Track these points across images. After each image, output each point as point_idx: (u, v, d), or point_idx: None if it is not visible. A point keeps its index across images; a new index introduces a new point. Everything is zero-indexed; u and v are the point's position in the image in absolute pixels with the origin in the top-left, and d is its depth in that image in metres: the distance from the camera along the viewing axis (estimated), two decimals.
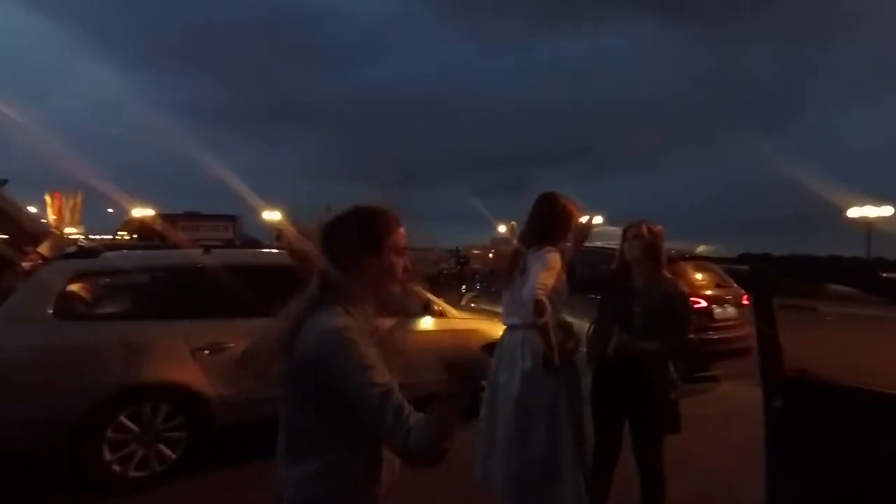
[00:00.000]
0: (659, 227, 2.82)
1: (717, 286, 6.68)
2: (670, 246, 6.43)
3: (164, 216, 20.97)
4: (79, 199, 23.57)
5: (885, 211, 21.76)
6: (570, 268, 2.74)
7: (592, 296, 2.98)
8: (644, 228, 2.76)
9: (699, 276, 6.73)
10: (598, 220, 14.36)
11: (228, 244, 10.38)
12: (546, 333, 2.41)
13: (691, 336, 2.75)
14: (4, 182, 4.19)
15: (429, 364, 2.14)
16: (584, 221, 2.85)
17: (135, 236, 19.03)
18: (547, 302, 2.38)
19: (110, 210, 29.97)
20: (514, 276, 2.65)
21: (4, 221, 4.11)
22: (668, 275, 2.81)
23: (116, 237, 20.81)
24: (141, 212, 23.08)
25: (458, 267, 22.77)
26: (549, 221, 2.68)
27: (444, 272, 21.66)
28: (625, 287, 2.79)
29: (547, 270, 2.48)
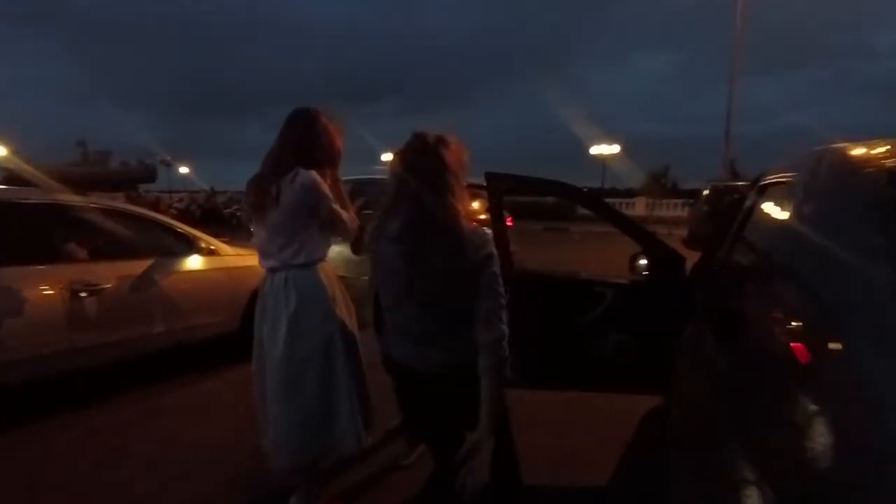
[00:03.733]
0: None
1: (487, 210, 6.59)
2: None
3: None
4: None
5: (614, 149, 29.29)
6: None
7: None
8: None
9: (474, 203, 6.86)
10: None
11: None
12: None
13: None
14: None
15: (198, 305, 4.09)
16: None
17: None
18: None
19: None
20: (268, 209, 2.20)
21: None
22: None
23: None
24: None
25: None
26: (309, 142, 2.22)
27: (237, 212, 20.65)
28: None
29: (330, 198, 2.22)
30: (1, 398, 3.34)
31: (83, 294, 3.49)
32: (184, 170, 53.41)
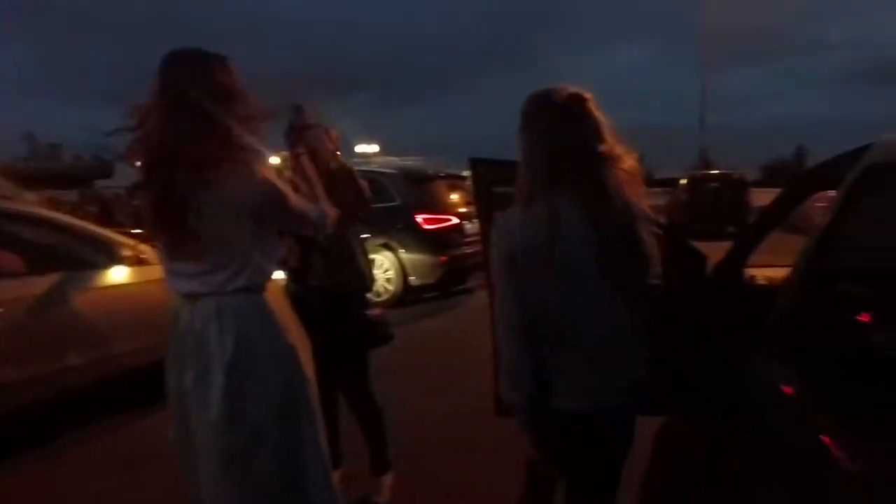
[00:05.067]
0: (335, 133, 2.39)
1: (468, 203, 6.56)
2: (439, 169, 7.00)
3: None
4: None
5: None
6: None
7: None
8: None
9: (453, 195, 6.90)
10: (374, 148, 13.82)
11: None
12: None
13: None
14: None
15: (120, 329, 3.17)
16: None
17: None
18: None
19: None
20: (186, 217, 1.50)
21: None
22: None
23: None
24: None
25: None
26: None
27: None
28: None
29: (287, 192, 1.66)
30: None
31: None
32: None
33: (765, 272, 2.53)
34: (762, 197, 17.50)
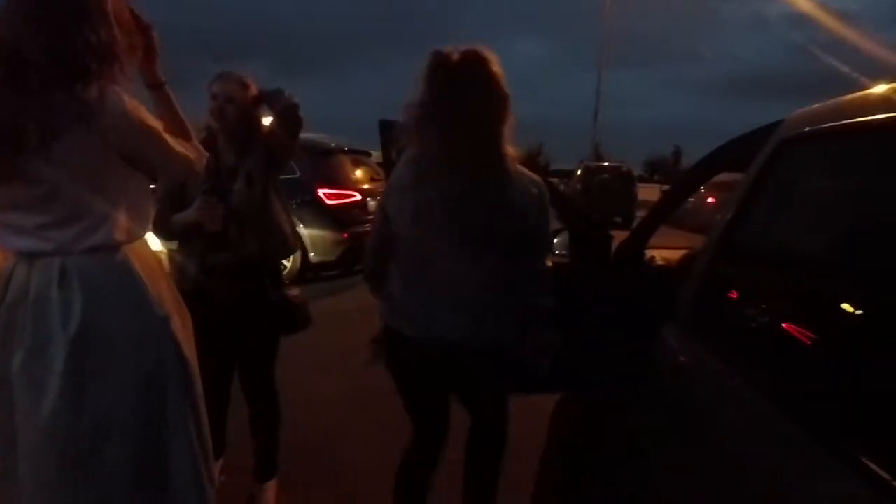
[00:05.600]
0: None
1: (372, 179, 6.59)
2: (343, 143, 6.75)
3: None
4: None
5: None
6: None
7: None
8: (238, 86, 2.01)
9: (357, 171, 6.78)
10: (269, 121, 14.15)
11: None
12: None
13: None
14: None
15: None
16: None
17: None
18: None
19: None
20: (23, 153, 1.23)
21: None
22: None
23: None
24: None
25: None
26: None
27: None
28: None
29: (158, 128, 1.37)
30: None
31: None
32: None
33: (661, 253, 2.65)
34: (647, 192, 19.08)
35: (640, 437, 1.73)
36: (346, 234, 6.15)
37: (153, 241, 4.88)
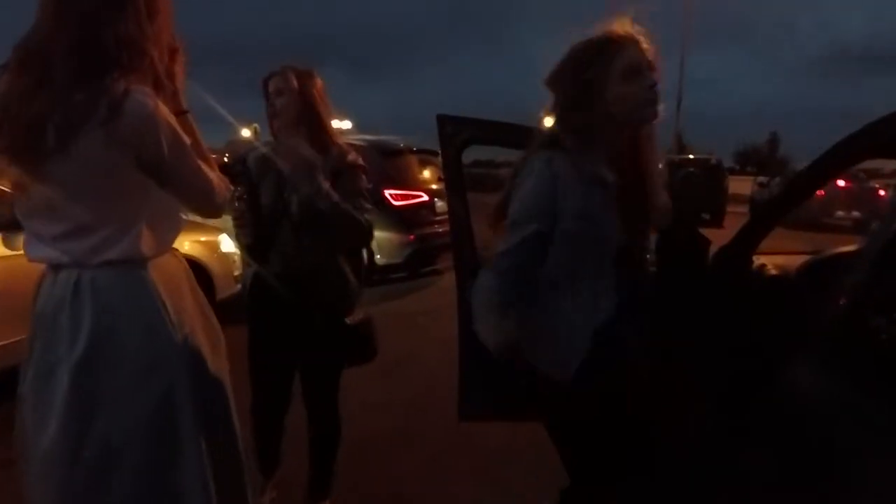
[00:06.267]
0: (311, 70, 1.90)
1: (440, 180, 6.22)
2: (411, 144, 6.59)
3: None
4: None
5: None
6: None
7: None
8: (291, 76, 1.83)
9: (425, 171, 6.57)
10: (346, 125, 13.51)
11: None
12: None
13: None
14: None
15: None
16: None
17: None
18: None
19: None
20: (44, 157, 1.11)
21: None
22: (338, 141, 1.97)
23: None
24: None
25: None
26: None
27: None
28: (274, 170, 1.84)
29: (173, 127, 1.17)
30: None
31: None
32: None
33: (774, 259, 2.20)
34: (738, 184, 17.54)
35: None
36: (412, 236, 5.96)
37: (227, 243, 4.78)
